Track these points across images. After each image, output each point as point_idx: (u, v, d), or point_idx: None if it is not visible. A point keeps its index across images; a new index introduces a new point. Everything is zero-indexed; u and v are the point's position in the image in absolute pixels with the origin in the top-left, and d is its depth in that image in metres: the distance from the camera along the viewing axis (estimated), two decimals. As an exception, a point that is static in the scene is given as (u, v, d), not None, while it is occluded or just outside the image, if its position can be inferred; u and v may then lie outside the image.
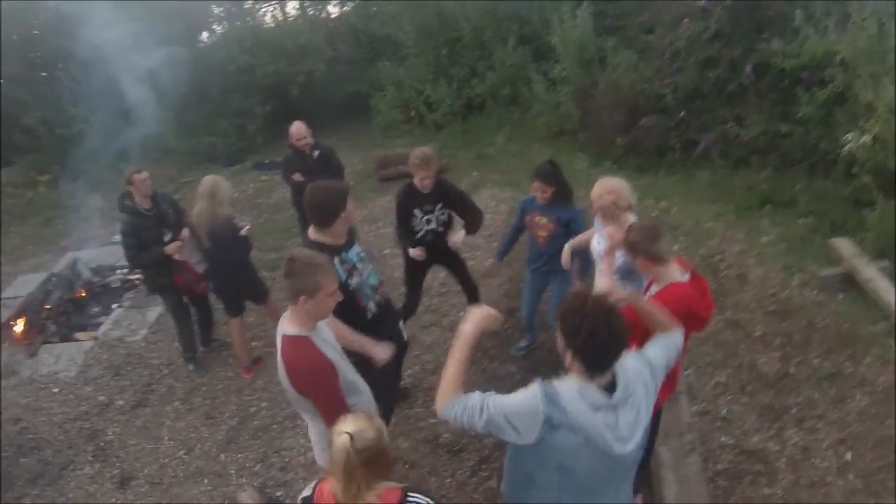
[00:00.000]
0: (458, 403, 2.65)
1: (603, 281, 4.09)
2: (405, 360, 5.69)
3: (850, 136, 6.64)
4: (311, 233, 4.02)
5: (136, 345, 7.09)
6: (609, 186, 4.23)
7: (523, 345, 6.00)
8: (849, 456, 4.45)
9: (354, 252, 4.12)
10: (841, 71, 7.22)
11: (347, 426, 2.49)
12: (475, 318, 2.81)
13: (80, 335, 7.42)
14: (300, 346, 3.17)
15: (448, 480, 4.81)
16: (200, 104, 12.61)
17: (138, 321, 7.51)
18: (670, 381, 3.50)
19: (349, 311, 3.94)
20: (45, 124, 11.92)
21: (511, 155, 10.06)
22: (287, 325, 3.23)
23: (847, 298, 5.82)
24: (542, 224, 5.10)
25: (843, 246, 6.17)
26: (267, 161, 11.74)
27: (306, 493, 2.69)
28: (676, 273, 3.55)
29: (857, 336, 5.41)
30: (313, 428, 3.57)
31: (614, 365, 2.55)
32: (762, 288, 6.18)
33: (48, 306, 7.85)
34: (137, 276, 7.93)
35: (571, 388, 2.54)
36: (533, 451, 2.59)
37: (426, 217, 5.41)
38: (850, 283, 5.92)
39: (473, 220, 5.57)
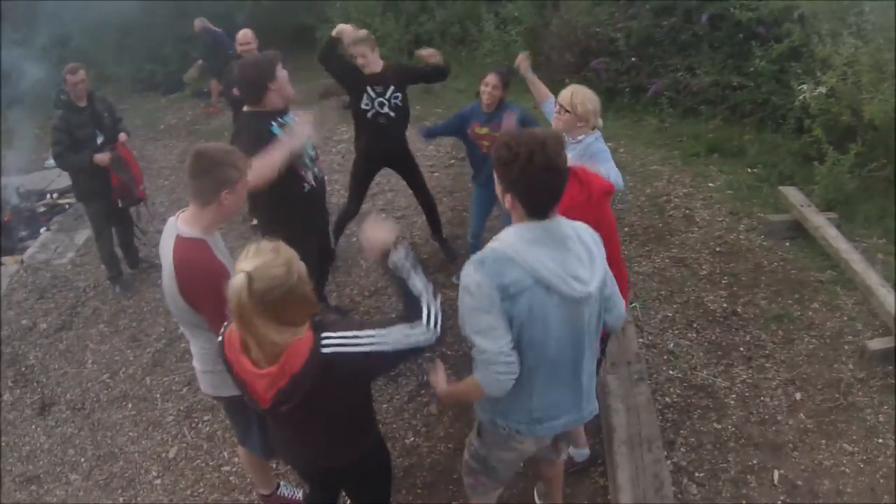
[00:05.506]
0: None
1: None
2: (344, 279, 5.57)
3: (804, 87, 6.56)
4: (246, 107, 3.80)
5: (62, 267, 6.68)
6: (584, 96, 3.51)
7: None
8: (798, 396, 4.30)
9: (290, 117, 3.81)
10: (798, 27, 7.16)
11: (247, 262, 2.03)
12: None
13: (5, 259, 6.95)
14: (198, 250, 2.74)
15: (385, 406, 4.45)
16: (144, 29, 11.81)
17: (65, 244, 7.14)
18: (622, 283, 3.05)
19: (286, 179, 3.63)
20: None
21: (456, 91, 9.65)
22: (183, 226, 2.77)
23: (795, 245, 5.70)
24: (484, 134, 4.83)
25: (792, 194, 6.03)
26: (206, 90, 11.08)
27: (219, 337, 2.33)
28: None
29: (805, 282, 5.29)
30: (195, 346, 3.05)
31: (556, 204, 2.30)
32: (708, 230, 6.01)
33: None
34: (67, 200, 7.72)
35: (507, 232, 2.33)
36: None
37: (378, 99, 5.10)
38: (798, 230, 5.79)
39: (435, 71, 5.42)
